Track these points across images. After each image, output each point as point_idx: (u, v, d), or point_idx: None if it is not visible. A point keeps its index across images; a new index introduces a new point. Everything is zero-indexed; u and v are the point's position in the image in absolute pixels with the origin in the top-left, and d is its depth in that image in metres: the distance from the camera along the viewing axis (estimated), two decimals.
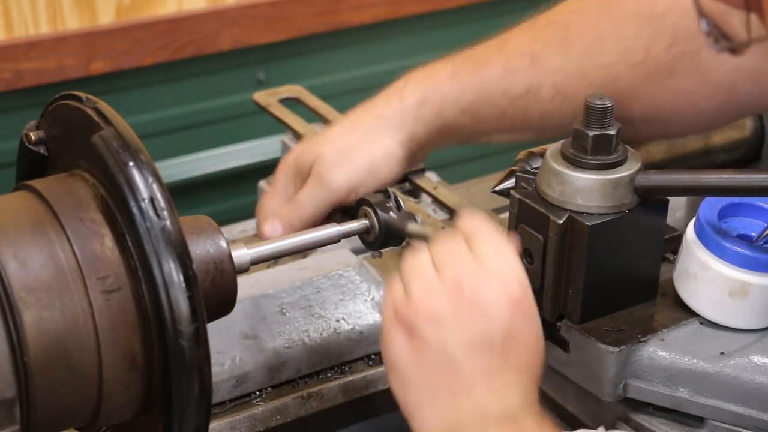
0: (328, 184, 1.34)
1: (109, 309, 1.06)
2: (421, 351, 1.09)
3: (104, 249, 1.07)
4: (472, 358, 1.09)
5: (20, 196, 1.13)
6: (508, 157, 1.44)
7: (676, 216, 1.53)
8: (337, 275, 1.53)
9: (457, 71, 1.34)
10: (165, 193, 1.05)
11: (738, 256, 1.24)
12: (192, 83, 2.63)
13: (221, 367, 1.41)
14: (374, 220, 1.31)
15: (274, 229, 1.35)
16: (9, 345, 1.03)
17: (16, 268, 1.04)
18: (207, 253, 1.17)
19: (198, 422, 1.08)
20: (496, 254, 1.13)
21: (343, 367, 1.50)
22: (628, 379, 1.26)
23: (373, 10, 2.73)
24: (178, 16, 2.53)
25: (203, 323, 1.05)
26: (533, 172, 1.30)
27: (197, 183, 2.65)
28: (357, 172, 1.34)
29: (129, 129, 1.09)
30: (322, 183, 1.34)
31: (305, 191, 1.35)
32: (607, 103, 1.23)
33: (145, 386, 1.10)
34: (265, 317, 1.48)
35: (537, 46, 1.32)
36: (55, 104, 1.17)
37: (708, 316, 1.28)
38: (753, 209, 1.31)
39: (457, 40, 1.68)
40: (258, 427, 1.43)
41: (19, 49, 2.39)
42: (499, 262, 1.12)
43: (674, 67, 1.27)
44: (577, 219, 1.23)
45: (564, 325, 1.28)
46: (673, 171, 1.26)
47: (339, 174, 1.34)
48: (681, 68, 1.28)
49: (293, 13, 2.65)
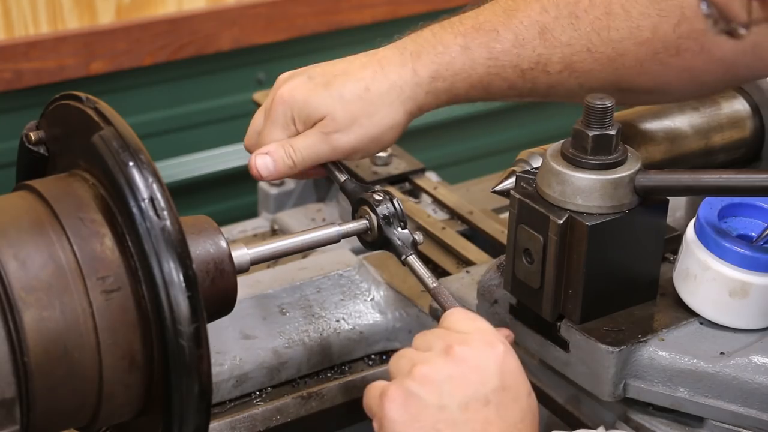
0: (333, 144, 1.34)
1: (109, 309, 1.06)
2: (418, 414, 1.10)
3: (104, 249, 1.07)
4: (468, 412, 1.09)
5: (20, 196, 1.13)
6: (508, 157, 1.44)
7: (676, 216, 1.53)
8: (337, 275, 1.53)
9: (468, 44, 1.34)
10: (165, 193, 1.05)
11: (738, 256, 1.24)
12: (192, 83, 2.63)
13: (221, 367, 1.42)
14: (374, 220, 1.31)
15: (266, 166, 1.34)
16: (9, 345, 1.03)
17: (16, 268, 1.04)
18: (207, 253, 1.17)
19: (198, 422, 1.08)
20: (473, 324, 1.15)
21: (343, 367, 1.50)
22: (628, 379, 1.26)
23: (373, 10, 2.73)
24: (177, 16, 2.53)
25: (203, 323, 1.05)
26: (533, 172, 1.30)
27: (197, 183, 2.65)
28: (364, 139, 1.34)
29: (129, 129, 1.09)
30: (327, 141, 1.34)
31: (307, 141, 1.34)
32: (607, 103, 1.23)
33: (145, 386, 1.10)
34: (265, 317, 1.48)
35: (547, 18, 1.32)
36: (55, 104, 1.17)
37: (708, 316, 1.28)
38: (753, 209, 1.31)
39: None
40: (258, 427, 1.43)
41: (19, 49, 2.38)
42: (477, 328, 1.15)
43: (680, 46, 1.29)
44: (577, 219, 1.23)
45: (564, 325, 1.28)
46: (673, 171, 1.26)
47: (346, 137, 1.34)
48: (686, 47, 1.29)
49: (293, 13, 2.64)
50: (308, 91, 1.35)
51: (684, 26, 1.28)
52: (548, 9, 1.32)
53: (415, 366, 1.11)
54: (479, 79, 1.34)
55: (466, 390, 1.10)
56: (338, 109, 1.33)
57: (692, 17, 1.28)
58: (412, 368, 1.11)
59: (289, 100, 1.35)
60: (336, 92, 1.34)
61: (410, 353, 1.14)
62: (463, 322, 1.16)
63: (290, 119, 1.35)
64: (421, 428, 1.09)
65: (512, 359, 1.13)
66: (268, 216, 1.85)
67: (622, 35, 1.30)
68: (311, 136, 1.34)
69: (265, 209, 1.87)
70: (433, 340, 1.14)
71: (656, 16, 1.29)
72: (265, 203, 1.87)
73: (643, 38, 1.30)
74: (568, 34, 1.31)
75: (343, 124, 1.33)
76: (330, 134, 1.33)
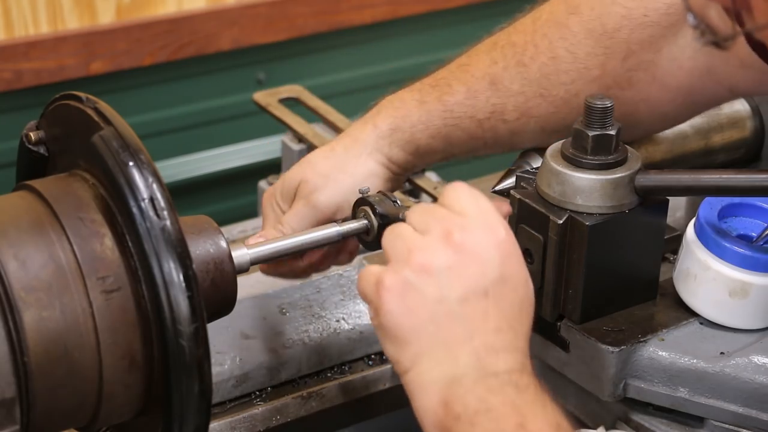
0: (314, 203, 1.36)
1: (109, 309, 1.06)
2: (416, 306, 1.08)
3: (104, 249, 1.07)
4: (467, 304, 1.07)
5: (20, 196, 1.13)
6: (508, 157, 1.44)
7: (676, 216, 1.53)
8: (337, 275, 1.53)
9: (423, 99, 1.37)
10: (165, 193, 1.05)
11: (738, 256, 1.24)
12: (192, 83, 2.63)
13: (221, 367, 1.42)
14: (373, 220, 1.31)
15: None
16: (9, 345, 1.03)
17: (16, 268, 1.04)
18: (207, 253, 1.17)
19: (198, 422, 1.08)
20: (474, 204, 1.12)
21: (343, 367, 1.50)
22: (628, 379, 1.26)
23: (373, 10, 2.73)
24: (178, 16, 2.53)
25: (203, 323, 1.05)
26: (533, 172, 1.30)
27: (197, 183, 2.65)
28: (342, 191, 1.36)
29: (129, 129, 1.09)
30: (308, 203, 1.36)
31: (292, 212, 1.37)
32: (607, 103, 1.23)
33: (145, 386, 1.10)
34: (265, 317, 1.48)
35: (496, 69, 1.35)
36: (55, 104, 1.17)
37: (708, 316, 1.28)
38: (753, 209, 1.31)
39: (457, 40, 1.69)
40: (258, 427, 1.43)
41: (19, 49, 2.38)
42: (479, 210, 1.11)
43: (631, 78, 1.31)
44: (577, 219, 1.23)
45: (564, 325, 1.28)
46: (673, 171, 1.26)
47: (324, 194, 1.36)
48: (638, 79, 1.31)
49: (293, 13, 2.64)
50: (281, 178, 1.40)
51: (632, 60, 1.30)
52: (497, 60, 1.35)
53: (412, 252, 1.09)
54: (437, 130, 1.36)
55: (466, 282, 1.08)
56: (309, 171, 1.37)
57: (639, 50, 1.30)
58: (409, 254, 1.09)
59: (270, 192, 1.39)
60: (305, 160, 1.39)
61: (407, 233, 1.11)
62: (464, 201, 1.12)
63: (276, 207, 1.38)
64: (418, 320, 1.07)
65: (512, 245, 1.11)
66: None
67: (572, 77, 1.32)
68: (294, 205, 1.37)
69: None
70: (431, 222, 1.11)
71: (603, 55, 1.31)
72: None
73: (593, 76, 1.31)
74: (518, 82, 1.34)
75: (318, 183, 1.36)
76: (309, 196, 1.36)
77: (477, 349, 1.07)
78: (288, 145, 1.86)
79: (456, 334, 1.07)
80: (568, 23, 1.32)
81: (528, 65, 1.34)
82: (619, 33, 1.30)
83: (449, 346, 1.07)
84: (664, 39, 1.29)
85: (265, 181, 1.86)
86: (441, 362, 1.07)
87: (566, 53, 1.32)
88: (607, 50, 1.30)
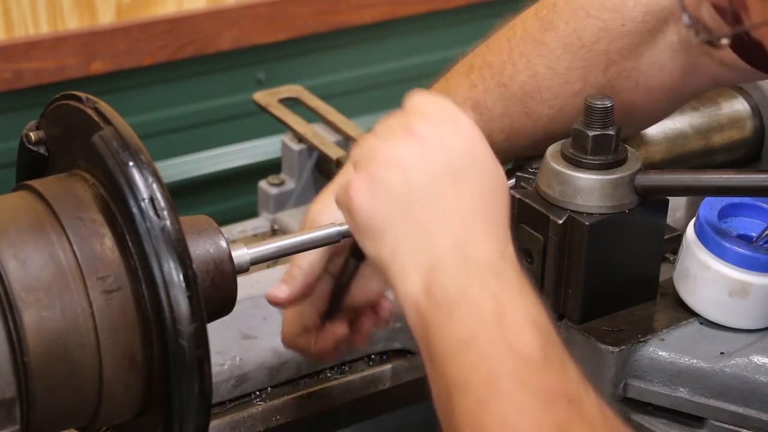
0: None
1: (109, 309, 1.06)
2: (387, 197, 1.06)
3: (104, 249, 1.07)
4: (437, 188, 1.06)
5: (20, 196, 1.13)
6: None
7: (676, 216, 1.53)
8: None
9: None
10: (165, 193, 1.05)
11: (738, 256, 1.24)
12: (192, 83, 2.63)
13: (221, 367, 1.42)
14: None
15: (280, 289, 1.32)
16: (9, 345, 1.03)
17: (16, 268, 1.04)
18: (207, 253, 1.17)
19: (198, 422, 1.08)
20: (434, 103, 1.11)
21: (343, 367, 1.50)
22: (628, 379, 1.26)
23: (373, 10, 2.73)
24: (178, 16, 2.53)
25: (203, 323, 1.05)
26: (533, 172, 1.30)
27: (197, 183, 2.65)
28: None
29: (129, 129, 1.09)
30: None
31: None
32: (607, 103, 1.23)
33: (145, 386, 1.10)
34: (265, 317, 1.48)
35: (477, 93, 1.34)
36: (55, 104, 1.17)
37: (708, 316, 1.28)
38: (753, 209, 1.31)
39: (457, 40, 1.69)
40: (258, 427, 1.43)
41: (19, 49, 2.38)
42: (440, 108, 1.10)
43: (614, 86, 1.30)
44: (577, 219, 1.23)
45: (564, 325, 1.28)
46: (673, 171, 1.26)
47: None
48: (620, 86, 1.30)
49: (293, 13, 2.64)
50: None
51: (612, 69, 1.30)
52: (476, 83, 1.34)
53: (375, 150, 1.08)
54: None
55: (433, 168, 1.06)
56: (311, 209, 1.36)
57: (619, 59, 1.29)
58: (373, 153, 1.08)
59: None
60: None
61: (370, 140, 1.10)
62: (426, 105, 1.11)
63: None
64: (390, 209, 1.06)
65: (477, 134, 1.09)
66: (268, 216, 1.85)
67: (555, 93, 1.31)
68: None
69: (265, 209, 1.87)
70: (393, 124, 1.10)
71: (583, 68, 1.30)
72: (265, 203, 1.87)
73: (576, 89, 1.31)
74: (501, 104, 1.33)
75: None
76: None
77: (455, 234, 1.05)
78: (288, 145, 1.86)
79: (431, 218, 1.06)
80: (545, 39, 1.31)
81: (508, 85, 1.32)
82: (597, 45, 1.29)
83: (426, 231, 1.05)
84: (644, 45, 1.28)
85: (265, 181, 1.86)
86: (421, 248, 1.05)
87: (546, 69, 1.31)
88: (587, 63, 1.30)
